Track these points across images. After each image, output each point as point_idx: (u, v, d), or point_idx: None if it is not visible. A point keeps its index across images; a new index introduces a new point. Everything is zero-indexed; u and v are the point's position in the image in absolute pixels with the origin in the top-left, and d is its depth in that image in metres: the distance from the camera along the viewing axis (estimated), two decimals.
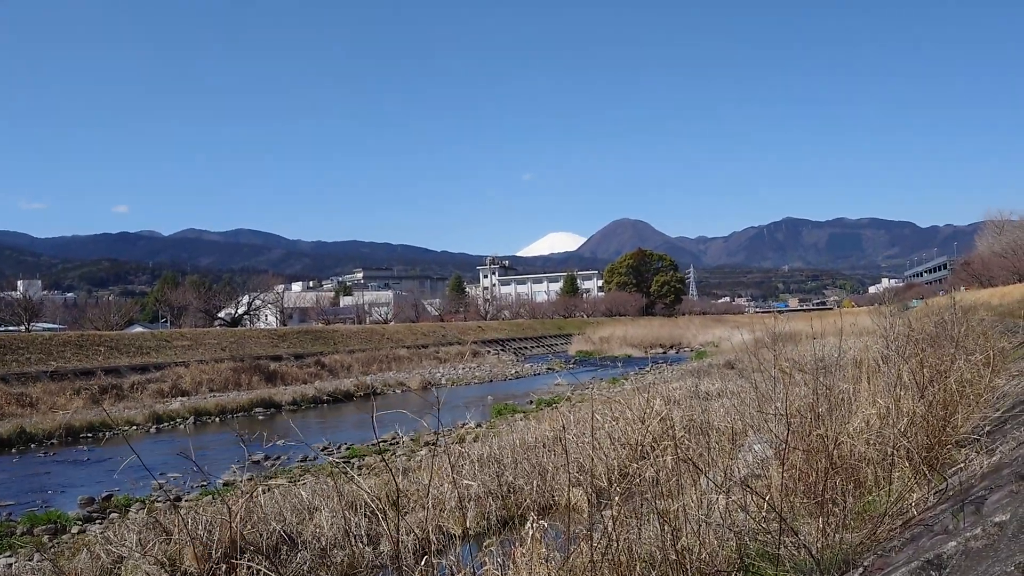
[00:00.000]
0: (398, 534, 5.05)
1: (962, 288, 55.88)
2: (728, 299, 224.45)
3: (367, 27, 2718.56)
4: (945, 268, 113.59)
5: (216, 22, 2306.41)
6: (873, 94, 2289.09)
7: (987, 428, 5.95)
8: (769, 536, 4.72)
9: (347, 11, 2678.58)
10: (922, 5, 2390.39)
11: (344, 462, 15.51)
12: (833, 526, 4.62)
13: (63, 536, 11.25)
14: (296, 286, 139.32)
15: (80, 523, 11.97)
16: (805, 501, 5.30)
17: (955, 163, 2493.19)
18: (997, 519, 3.25)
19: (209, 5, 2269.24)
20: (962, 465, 5.11)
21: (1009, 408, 6.53)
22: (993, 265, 55.03)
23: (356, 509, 9.39)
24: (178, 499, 12.70)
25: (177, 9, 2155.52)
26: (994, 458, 4.85)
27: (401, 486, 9.70)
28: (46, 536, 11.18)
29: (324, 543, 8.58)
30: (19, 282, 66.11)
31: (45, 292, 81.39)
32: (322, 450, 17.93)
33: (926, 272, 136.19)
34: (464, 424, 19.27)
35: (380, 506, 7.28)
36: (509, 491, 10.06)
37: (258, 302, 60.30)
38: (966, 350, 8.89)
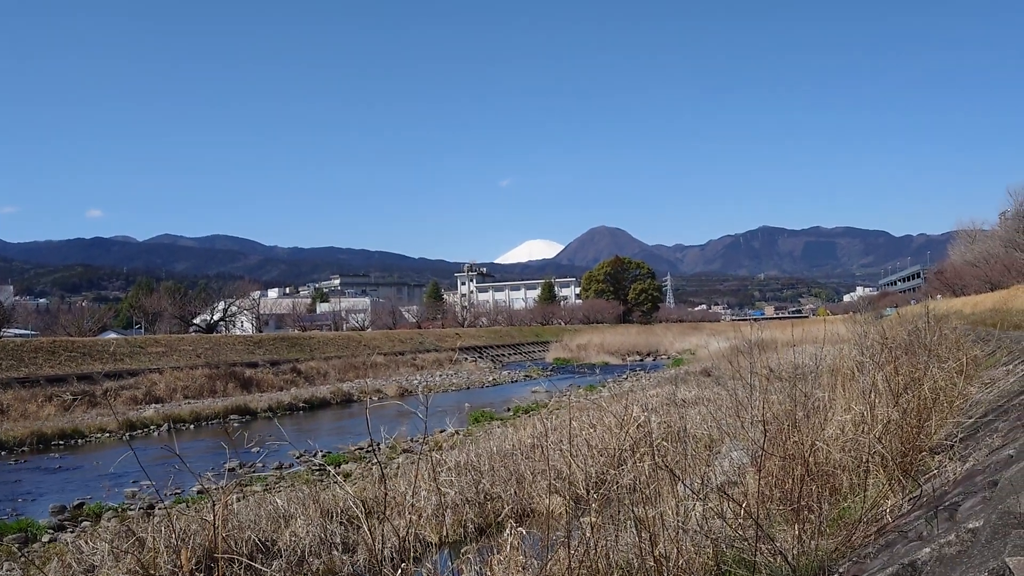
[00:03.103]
0: (379, 541, 5.02)
1: (939, 296, 56.46)
2: (705, 307, 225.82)
3: (345, 35, 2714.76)
4: (919, 277, 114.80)
5: (193, 29, 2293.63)
6: (848, 105, 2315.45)
7: (960, 435, 6.01)
8: (745, 543, 4.74)
9: (325, 19, 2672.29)
10: (898, 17, 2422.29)
11: (320, 469, 15.41)
12: (809, 533, 4.64)
13: (33, 545, 11.06)
14: (272, 292, 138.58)
15: (51, 532, 11.78)
16: (781, 508, 5.32)
17: (929, 173, 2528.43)
18: (970, 525, 3.28)
19: (186, 12, 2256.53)
20: (936, 472, 5.15)
21: (982, 415, 6.60)
22: (965, 274, 55.63)
23: (332, 517, 9.33)
24: (151, 507, 12.56)
25: (153, 15, 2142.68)
26: (967, 465, 4.90)
27: (378, 493, 9.66)
28: (16, 545, 10.97)
29: (300, 551, 8.52)
30: None
31: (17, 297, 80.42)
32: (298, 457, 17.80)
33: (900, 281, 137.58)
34: (442, 431, 19.20)
35: (359, 512, 7.24)
36: (486, 498, 10.04)
37: (234, 308, 59.79)
38: (939, 358, 8.98)
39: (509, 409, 24.90)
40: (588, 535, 4.82)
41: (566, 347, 64.28)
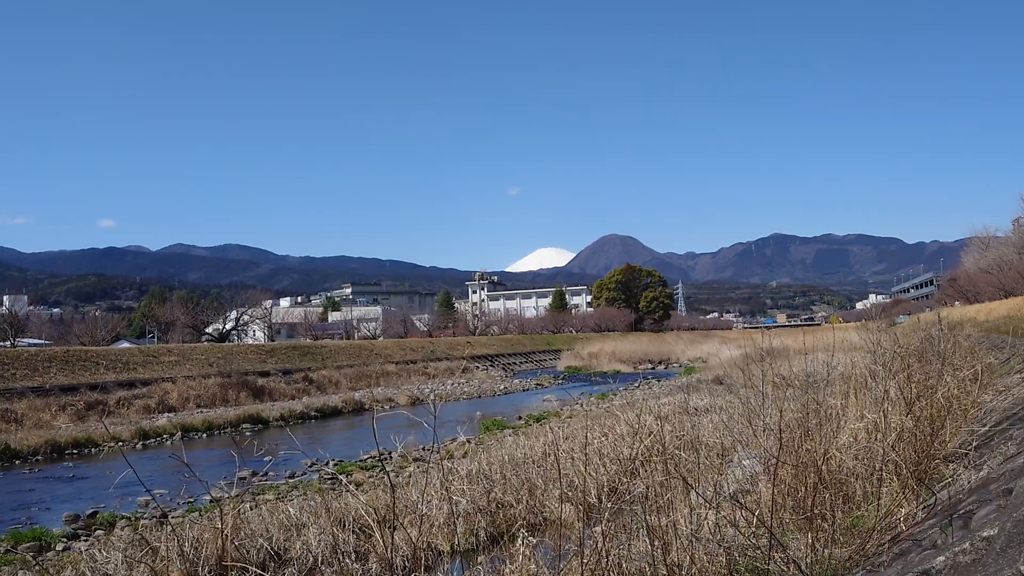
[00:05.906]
0: (391, 550, 5.03)
1: (957, 303, 56.09)
2: (716, 315, 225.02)
3: (353, 44, 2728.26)
4: (932, 284, 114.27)
5: (203, 39, 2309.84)
6: (859, 112, 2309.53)
7: (975, 443, 5.97)
8: (759, 551, 4.72)
9: (334, 29, 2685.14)
10: (909, 26, 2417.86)
11: (332, 478, 15.43)
12: (822, 541, 4.62)
13: (48, 554, 11.12)
14: (284, 301, 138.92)
15: (65, 540, 11.84)
16: (794, 516, 5.30)
17: (941, 180, 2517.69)
18: (985, 533, 3.26)
19: (194, 21, 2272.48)
20: (950, 480, 5.12)
21: (996, 423, 6.56)
22: (979, 281, 55.30)
23: (344, 526, 9.34)
24: (164, 516, 12.60)
25: (162, 24, 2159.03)
26: (982, 473, 4.87)
27: (390, 503, 9.67)
28: (30, 554, 11.03)
29: (312, 560, 8.53)
30: (5, 297, 65.80)
31: (31, 307, 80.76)
32: (310, 466, 17.83)
33: (913, 288, 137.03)
34: (453, 440, 19.20)
35: (371, 521, 7.24)
36: (498, 507, 10.03)
37: (246, 317, 60.01)
38: (953, 366, 8.93)
39: (521, 418, 24.88)
40: (600, 544, 4.81)
41: (577, 355, 64.18)
